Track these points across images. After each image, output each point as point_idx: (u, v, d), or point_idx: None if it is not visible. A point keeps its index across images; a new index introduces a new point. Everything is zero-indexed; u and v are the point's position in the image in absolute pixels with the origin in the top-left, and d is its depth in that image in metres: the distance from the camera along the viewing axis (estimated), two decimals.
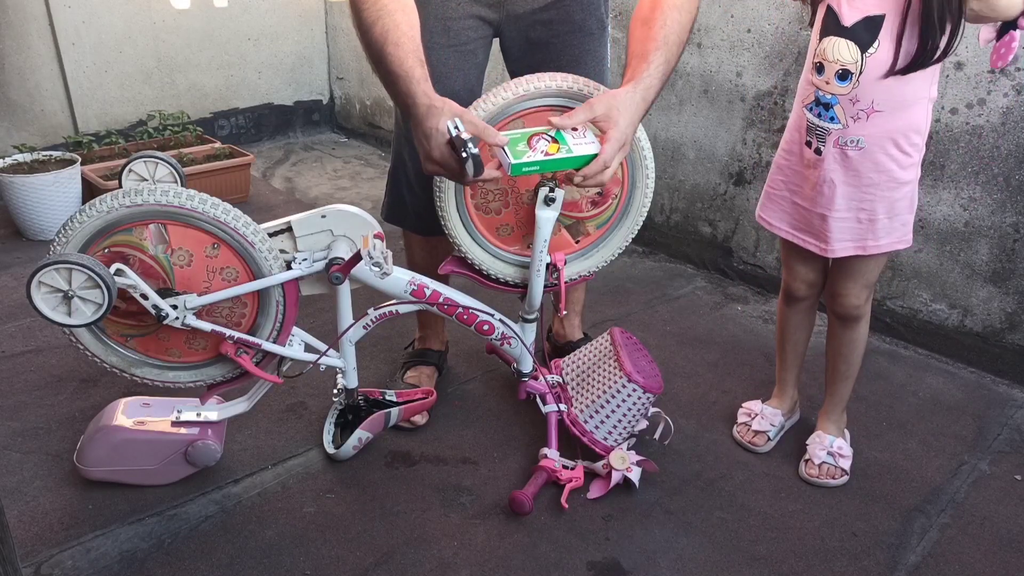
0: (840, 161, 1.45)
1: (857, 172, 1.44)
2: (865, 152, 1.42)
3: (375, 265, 1.42)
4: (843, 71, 1.38)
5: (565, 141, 1.33)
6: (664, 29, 1.35)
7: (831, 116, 1.42)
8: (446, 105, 1.28)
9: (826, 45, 1.39)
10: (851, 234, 1.50)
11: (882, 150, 1.41)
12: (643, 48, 1.36)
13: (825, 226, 1.51)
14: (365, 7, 1.33)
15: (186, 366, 1.47)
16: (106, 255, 1.31)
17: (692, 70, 2.53)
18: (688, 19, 1.38)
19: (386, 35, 1.31)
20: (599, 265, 1.65)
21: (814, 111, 1.45)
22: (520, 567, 1.42)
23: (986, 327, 2.08)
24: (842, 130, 1.42)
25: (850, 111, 1.40)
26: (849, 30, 1.35)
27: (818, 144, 1.46)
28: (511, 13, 1.61)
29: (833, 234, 1.51)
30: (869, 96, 1.37)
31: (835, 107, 1.41)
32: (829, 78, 1.40)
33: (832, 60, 1.38)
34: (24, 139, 3.15)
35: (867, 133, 1.40)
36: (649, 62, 1.34)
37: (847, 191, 1.46)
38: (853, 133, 1.41)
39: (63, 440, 1.71)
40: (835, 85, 1.40)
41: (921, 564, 1.46)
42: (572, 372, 1.75)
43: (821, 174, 1.47)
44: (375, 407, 1.67)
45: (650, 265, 2.73)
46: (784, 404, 1.81)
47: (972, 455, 1.76)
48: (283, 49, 3.89)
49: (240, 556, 1.43)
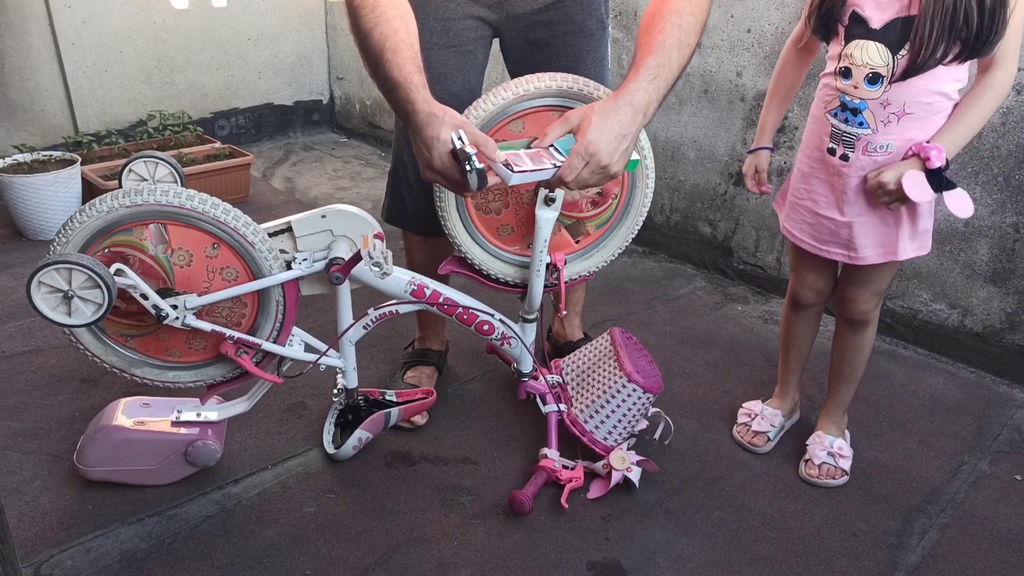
0: (869, 167, 1.41)
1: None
2: (894, 156, 1.39)
3: (375, 265, 1.42)
4: (873, 74, 1.34)
5: (564, 151, 1.31)
6: (662, 34, 1.33)
7: (860, 121, 1.39)
8: (447, 114, 1.26)
9: (853, 49, 1.36)
10: (878, 240, 1.47)
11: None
12: (638, 56, 1.35)
13: (852, 234, 1.48)
14: (363, 13, 1.32)
15: (186, 366, 1.47)
16: (106, 255, 1.31)
17: (692, 70, 2.53)
18: (691, 21, 1.35)
19: (384, 41, 1.30)
20: (599, 265, 1.65)
21: (839, 116, 1.42)
22: (520, 567, 1.42)
23: (986, 327, 2.08)
24: (871, 135, 1.39)
25: (880, 115, 1.37)
26: (879, 32, 1.32)
27: (844, 150, 1.43)
28: (511, 14, 1.61)
29: (859, 240, 1.48)
30: (901, 99, 1.34)
31: (864, 112, 1.38)
32: (858, 82, 1.36)
33: (861, 64, 1.35)
34: (24, 139, 3.15)
35: (896, 137, 1.37)
36: (639, 69, 1.32)
37: (874, 196, 1.43)
38: (882, 138, 1.38)
39: (63, 440, 1.71)
40: (864, 89, 1.36)
41: (921, 564, 1.46)
42: (572, 372, 1.75)
43: (846, 181, 1.44)
44: (375, 407, 1.67)
45: (650, 265, 2.73)
46: (785, 405, 1.80)
47: (972, 455, 1.76)
48: (283, 49, 3.89)
49: (240, 556, 1.43)
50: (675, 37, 1.33)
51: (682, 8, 1.34)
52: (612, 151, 1.26)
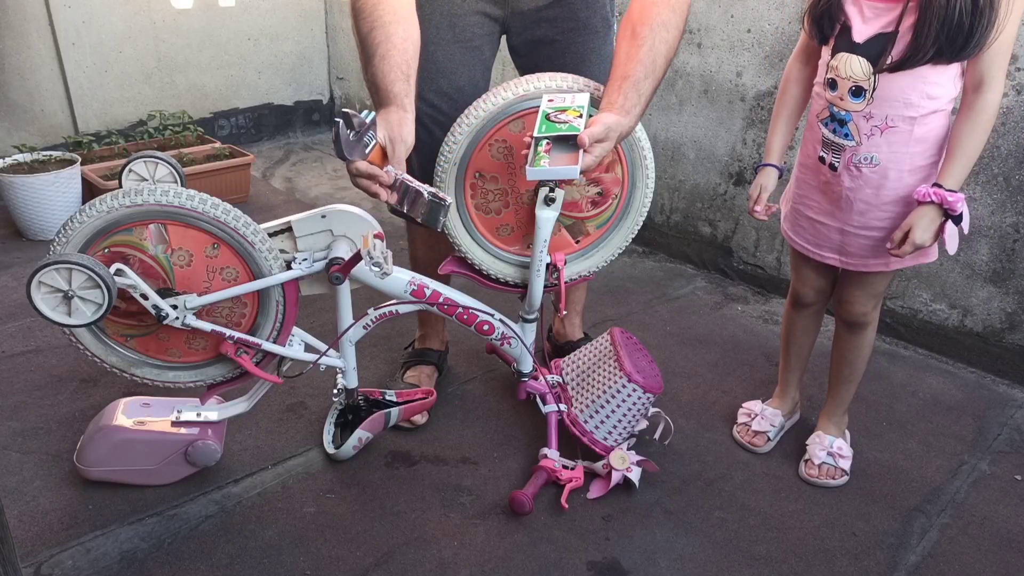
0: (855, 179, 1.42)
1: (874, 190, 1.41)
2: (880, 169, 1.39)
3: (375, 265, 1.42)
4: (856, 87, 1.35)
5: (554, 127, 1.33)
6: (652, 51, 1.35)
7: (845, 133, 1.40)
8: (401, 145, 1.32)
9: (839, 62, 1.37)
10: (872, 252, 1.48)
11: (896, 167, 1.38)
12: (631, 70, 1.36)
13: (846, 241, 1.49)
14: (363, 16, 1.36)
15: (186, 366, 1.47)
16: (106, 255, 1.31)
17: (692, 70, 2.53)
18: (676, 36, 1.38)
19: (376, 47, 1.34)
20: (599, 265, 1.65)
21: (829, 126, 1.43)
22: (520, 567, 1.42)
23: (986, 327, 2.08)
24: (855, 147, 1.39)
25: (864, 128, 1.38)
26: (861, 46, 1.33)
27: (832, 159, 1.44)
28: (516, 10, 1.62)
29: (854, 250, 1.49)
30: (883, 112, 1.35)
31: (849, 124, 1.39)
32: (843, 94, 1.38)
33: (845, 77, 1.36)
34: (24, 139, 3.15)
35: (881, 150, 1.38)
36: (640, 92, 1.36)
37: (864, 208, 1.44)
38: (866, 150, 1.39)
39: (63, 440, 1.71)
40: (849, 102, 1.37)
41: (921, 564, 1.46)
42: (572, 372, 1.75)
43: (838, 190, 1.45)
44: (375, 407, 1.67)
45: (650, 265, 2.73)
46: (785, 405, 1.81)
47: (972, 455, 1.76)
48: (283, 49, 3.89)
49: (240, 556, 1.43)
50: (664, 55, 1.37)
51: (668, 22, 1.35)
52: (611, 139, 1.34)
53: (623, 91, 1.35)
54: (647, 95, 1.36)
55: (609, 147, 1.32)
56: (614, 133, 1.32)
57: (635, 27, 1.37)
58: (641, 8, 1.38)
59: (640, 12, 1.38)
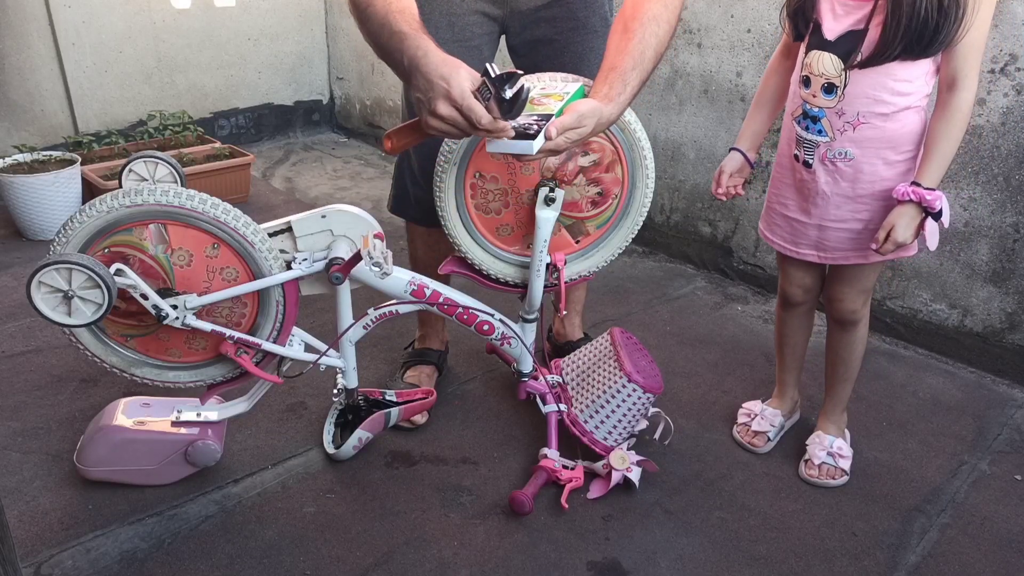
0: (831, 174, 1.45)
1: (850, 183, 1.44)
2: (855, 164, 1.42)
3: (375, 265, 1.42)
4: (828, 84, 1.39)
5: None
6: (642, 44, 1.34)
7: (819, 129, 1.43)
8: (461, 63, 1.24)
9: (812, 59, 1.40)
10: (851, 244, 1.50)
11: (870, 162, 1.41)
12: (618, 61, 1.34)
13: (823, 236, 1.51)
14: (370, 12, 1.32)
15: (186, 366, 1.47)
16: (106, 255, 1.31)
17: (692, 70, 2.53)
18: (667, 30, 1.37)
19: (388, 5, 1.28)
20: (599, 265, 1.65)
21: (802, 124, 1.46)
22: (520, 567, 1.42)
23: (986, 327, 2.08)
24: (829, 143, 1.42)
25: (836, 124, 1.41)
26: (833, 44, 1.36)
27: (806, 157, 1.47)
28: (514, 9, 1.62)
29: (832, 244, 1.51)
30: (854, 108, 1.38)
31: (822, 120, 1.42)
32: (816, 91, 1.41)
33: (818, 74, 1.39)
34: (24, 139, 3.15)
35: (855, 145, 1.41)
36: (617, 72, 1.33)
37: (841, 202, 1.46)
38: (840, 146, 1.42)
39: (63, 440, 1.71)
40: (822, 98, 1.41)
41: (921, 564, 1.46)
42: (572, 372, 1.75)
43: (814, 187, 1.48)
44: (375, 407, 1.67)
45: (650, 265, 2.73)
46: (784, 405, 1.81)
47: (972, 455, 1.76)
48: (283, 49, 3.89)
49: (240, 556, 1.43)
50: (653, 48, 1.35)
51: (659, 16, 1.35)
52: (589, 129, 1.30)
53: (608, 81, 1.34)
54: (633, 85, 1.35)
55: (584, 133, 1.29)
56: (590, 120, 1.29)
57: (627, 22, 1.37)
58: (634, 4, 1.38)
59: (633, 8, 1.38)
